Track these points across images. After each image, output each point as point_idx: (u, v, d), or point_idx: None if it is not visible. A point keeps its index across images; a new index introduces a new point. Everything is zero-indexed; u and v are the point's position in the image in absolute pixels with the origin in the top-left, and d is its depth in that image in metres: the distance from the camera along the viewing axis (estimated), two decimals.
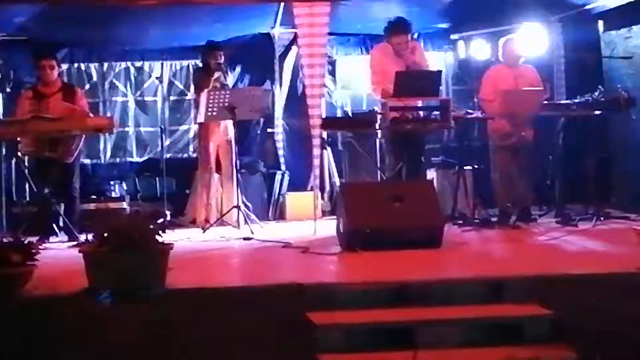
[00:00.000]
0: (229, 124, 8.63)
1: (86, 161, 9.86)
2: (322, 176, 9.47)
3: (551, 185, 8.95)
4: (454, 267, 6.18)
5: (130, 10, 8.72)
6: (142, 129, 10.60)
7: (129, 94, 10.56)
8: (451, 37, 10.65)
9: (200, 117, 8.58)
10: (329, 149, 9.83)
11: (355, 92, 10.90)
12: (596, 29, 9.55)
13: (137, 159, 10.52)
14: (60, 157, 8.03)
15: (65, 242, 7.75)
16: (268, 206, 9.88)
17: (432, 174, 9.33)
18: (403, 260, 6.27)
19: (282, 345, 4.80)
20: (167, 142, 10.30)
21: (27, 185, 8.88)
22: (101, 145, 10.35)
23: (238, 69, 10.23)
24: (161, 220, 8.19)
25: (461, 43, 10.48)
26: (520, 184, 8.45)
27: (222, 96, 8.32)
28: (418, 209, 6.83)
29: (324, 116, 9.00)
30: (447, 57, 10.91)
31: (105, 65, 10.50)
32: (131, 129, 10.57)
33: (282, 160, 10.28)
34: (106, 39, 9.74)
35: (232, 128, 8.63)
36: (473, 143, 9.01)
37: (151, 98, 10.59)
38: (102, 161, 10.40)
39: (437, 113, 7.98)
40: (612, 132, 9.39)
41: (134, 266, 5.03)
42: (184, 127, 10.64)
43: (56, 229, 8.09)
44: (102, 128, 8.07)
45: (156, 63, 10.54)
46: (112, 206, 8.89)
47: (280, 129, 10.34)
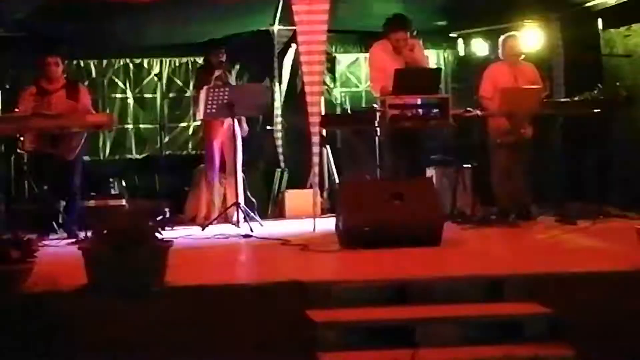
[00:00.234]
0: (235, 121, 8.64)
1: (85, 158, 9.85)
2: (322, 173, 9.47)
3: (550, 183, 8.95)
4: (453, 265, 6.17)
5: (129, 7, 8.70)
6: (141, 126, 10.62)
7: (128, 91, 10.57)
8: (450, 35, 10.66)
9: (199, 114, 8.58)
10: (328, 147, 9.84)
11: (354, 90, 10.93)
12: (596, 27, 9.54)
13: (136, 156, 10.53)
14: (62, 154, 8.03)
15: (64, 239, 7.75)
16: (267, 204, 9.89)
17: (431, 172, 9.33)
18: (402, 258, 6.26)
19: (282, 343, 4.81)
20: (166, 139, 10.32)
21: (27, 182, 8.88)
22: (100, 142, 10.37)
23: (237, 66, 10.23)
24: (160, 217, 8.25)
25: (460, 41, 10.50)
26: (519, 182, 8.45)
27: (221, 93, 8.31)
28: (417, 207, 6.82)
29: (323, 113, 9.00)
30: (446, 55, 10.93)
31: (104, 62, 10.52)
32: (130, 126, 10.58)
33: (281, 157, 10.29)
34: (105, 36, 9.73)
35: (237, 125, 8.65)
36: (472, 141, 9.00)
37: (150, 95, 10.61)
38: (101, 158, 10.42)
39: (436, 111, 7.97)
40: (611, 131, 9.39)
41: (134, 263, 5.02)
42: (183, 124, 10.66)
43: (56, 226, 8.09)
44: (102, 125, 8.07)
45: (155, 60, 10.57)
46: (112, 203, 8.89)
47: (279, 127, 10.34)
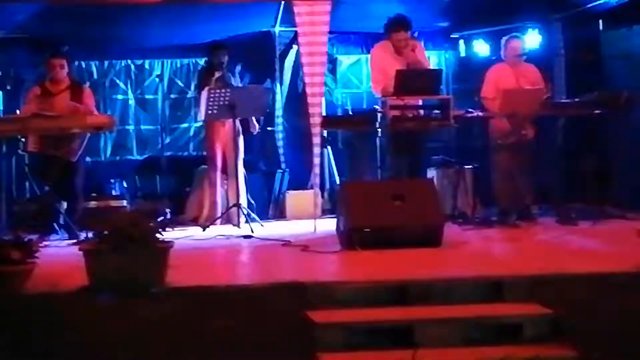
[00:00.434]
0: (237, 122, 8.64)
1: (87, 159, 9.87)
2: (323, 175, 9.47)
3: (551, 184, 8.94)
4: (454, 266, 6.17)
5: (131, 8, 8.71)
6: (143, 127, 10.61)
7: (130, 92, 10.57)
8: (452, 36, 10.66)
9: (201, 116, 8.59)
10: (329, 148, 9.84)
11: (355, 91, 10.92)
12: (597, 28, 9.55)
13: (138, 157, 10.53)
14: (64, 155, 8.05)
15: (65, 240, 7.75)
16: (268, 204, 9.89)
17: (432, 173, 9.32)
18: (403, 259, 6.26)
19: (282, 343, 4.81)
20: (167, 140, 10.32)
21: (28, 183, 8.88)
22: (102, 143, 10.38)
23: (238, 68, 10.23)
24: (161, 218, 8.25)
25: (461, 42, 10.50)
26: (520, 183, 8.45)
27: (223, 94, 8.31)
28: (418, 208, 6.82)
29: (324, 114, 9.00)
30: (448, 56, 10.93)
31: (105, 63, 10.52)
32: (132, 127, 10.59)
33: (282, 158, 10.29)
34: (107, 37, 9.74)
35: (239, 126, 8.66)
36: (473, 142, 9.00)
37: (152, 96, 10.61)
38: (103, 159, 10.42)
39: (438, 112, 7.97)
40: (612, 132, 9.39)
41: (134, 264, 5.03)
42: (185, 125, 10.66)
43: (56, 227, 8.10)
44: (103, 126, 8.07)
45: (157, 61, 10.58)
46: (113, 204, 8.89)
47: (280, 128, 10.35)
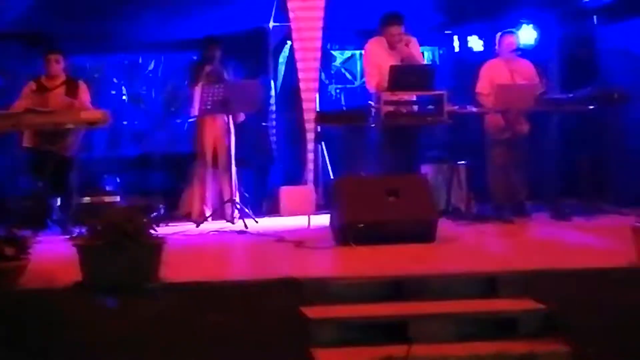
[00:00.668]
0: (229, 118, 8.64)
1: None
2: (317, 170, 9.45)
3: (545, 179, 8.95)
4: (448, 262, 6.16)
5: (124, 3, 8.70)
6: (136, 123, 10.60)
7: (123, 88, 10.55)
8: (446, 32, 10.66)
9: (194, 111, 8.57)
10: (323, 143, 9.83)
11: (349, 86, 10.92)
12: (591, 24, 9.55)
13: (132, 153, 10.52)
14: (59, 151, 8.03)
15: (59, 236, 7.73)
16: (262, 200, 9.88)
17: (427, 169, 9.31)
18: (397, 254, 6.26)
19: (276, 339, 4.80)
20: (161, 136, 10.31)
21: (21, 178, 8.86)
22: (95, 138, 10.36)
23: (232, 63, 10.21)
24: (155, 214, 8.24)
25: (456, 37, 10.50)
26: (514, 178, 8.45)
27: (216, 90, 8.30)
28: (412, 204, 6.82)
29: (318, 110, 8.99)
30: (442, 52, 10.93)
31: (99, 58, 10.50)
32: (125, 123, 10.57)
33: (276, 154, 10.28)
34: (100, 32, 9.71)
35: (231, 121, 8.64)
36: (467, 137, 9.00)
37: (145, 92, 10.59)
38: (96, 155, 10.40)
39: (432, 107, 7.97)
40: (607, 127, 9.39)
41: (128, 260, 5.02)
42: (178, 121, 10.64)
43: (50, 223, 8.07)
44: (97, 122, 8.04)
45: (150, 56, 10.56)
46: (106, 200, 8.89)
47: (274, 123, 10.33)
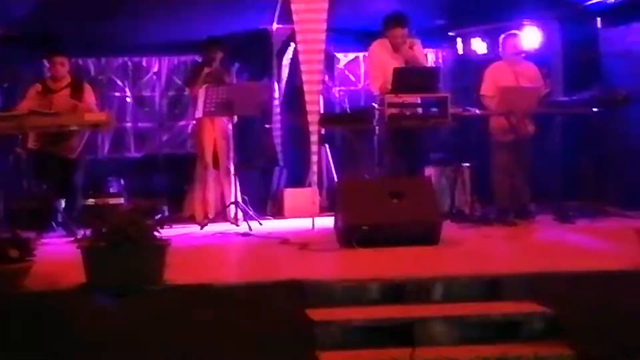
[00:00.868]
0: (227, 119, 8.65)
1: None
2: (320, 172, 9.46)
3: (549, 182, 8.94)
4: (452, 264, 6.17)
5: (128, 5, 8.71)
6: (140, 125, 10.61)
7: (127, 89, 10.56)
8: (449, 34, 10.66)
9: (198, 113, 8.58)
10: (327, 145, 9.84)
11: (353, 88, 10.92)
12: (594, 26, 9.55)
13: (135, 155, 10.53)
14: (63, 153, 8.04)
15: (63, 238, 7.75)
16: (266, 202, 9.88)
17: (430, 171, 9.31)
18: (401, 257, 6.27)
19: (281, 342, 4.80)
20: (165, 138, 10.31)
21: (26, 180, 8.86)
22: (99, 140, 10.37)
23: (236, 65, 10.23)
24: (159, 215, 8.25)
25: (459, 40, 10.49)
26: (518, 181, 8.44)
27: (220, 92, 8.31)
28: (416, 206, 6.82)
29: (322, 112, 9.00)
30: (445, 54, 10.93)
31: (102, 60, 10.51)
32: (129, 125, 10.58)
33: (280, 156, 10.29)
34: (104, 34, 9.72)
35: (230, 123, 8.65)
36: (471, 140, 9.00)
37: (149, 93, 10.60)
38: (100, 157, 10.41)
39: (435, 109, 7.97)
40: (610, 129, 9.39)
41: (132, 262, 5.03)
42: (182, 123, 10.65)
43: (54, 225, 8.08)
44: (101, 123, 8.06)
45: (154, 58, 10.57)
46: (110, 202, 8.90)
47: (278, 125, 10.34)
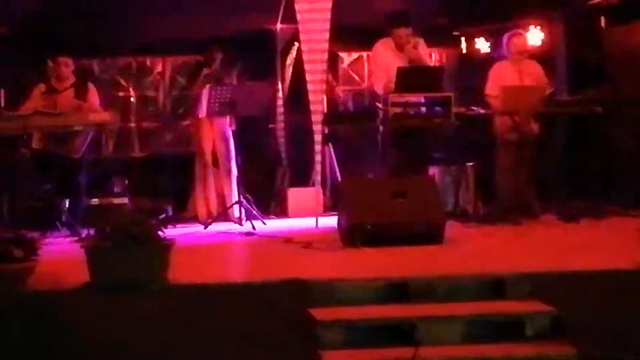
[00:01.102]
0: (227, 120, 8.65)
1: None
2: (324, 172, 9.46)
3: (553, 181, 8.94)
4: (456, 264, 6.15)
5: (131, 4, 8.71)
6: (144, 124, 10.61)
7: (131, 89, 10.56)
8: (452, 33, 10.65)
9: (202, 113, 8.58)
10: (331, 145, 9.83)
11: (356, 88, 10.92)
12: (598, 25, 9.54)
13: (139, 154, 10.53)
14: (67, 153, 8.05)
15: (67, 237, 7.75)
16: (270, 202, 9.88)
17: (434, 170, 9.30)
18: (404, 256, 6.27)
19: (284, 341, 4.81)
20: (169, 138, 10.32)
21: (30, 180, 8.88)
22: (103, 140, 10.37)
23: (239, 65, 10.22)
24: (163, 215, 8.26)
25: (463, 39, 10.49)
26: (523, 180, 8.43)
27: (224, 92, 8.31)
28: (420, 205, 6.82)
29: (326, 111, 9.00)
30: (449, 53, 10.92)
31: (107, 60, 10.51)
32: (133, 124, 10.58)
33: (284, 155, 10.28)
34: (108, 34, 9.73)
35: (228, 124, 8.66)
36: (475, 139, 9.00)
37: (153, 93, 10.60)
38: (104, 156, 10.41)
39: (439, 109, 7.97)
40: (614, 129, 9.38)
41: (136, 261, 5.03)
42: (186, 122, 10.64)
43: (58, 224, 8.09)
44: (105, 123, 8.08)
45: (158, 58, 10.57)
46: (114, 201, 8.90)
47: (281, 125, 10.33)
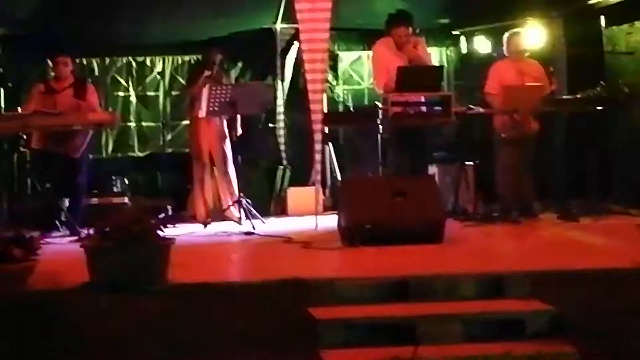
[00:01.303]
0: (223, 121, 8.67)
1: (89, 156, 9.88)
2: (324, 171, 9.47)
3: (553, 180, 8.94)
4: (455, 262, 6.16)
5: (132, 4, 8.72)
6: (144, 124, 10.63)
7: (131, 89, 10.58)
8: (453, 33, 10.66)
9: (201, 113, 8.58)
10: (331, 144, 9.84)
11: (356, 87, 10.93)
12: (598, 24, 9.53)
13: (139, 154, 10.55)
14: (67, 152, 8.06)
15: (67, 237, 7.76)
16: (270, 201, 9.89)
17: (434, 169, 9.32)
18: (404, 255, 6.27)
19: (284, 340, 4.81)
20: (169, 137, 10.33)
21: (30, 179, 8.89)
22: (103, 140, 10.39)
23: (240, 65, 10.23)
24: (163, 215, 8.26)
25: (462, 38, 10.49)
26: (522, 179, 8.43)
27: (224, 91, 8.31)
28: (419, 204, 6.82)
29: (326, 111, 9.00)
30: (449, 53, 10.93)
31: (106, 60, 10.53)
32: (133, 124, 10.60)
33: (284, 155, 10.29)
34: (108, 34, 9.74)
35: (225, 125, 8.68)
36: (474, 138, 9.00)
37: (153, 93, 10.61)
38: (104, 156, 10.43)
39: (439, 108, 7.96)
40: (614, 128, 9.39)
41: (136, 261, 5.04)
42: (186, 122, 10.64)
43: (58, 224, 8.10)
44: (105, 123, 8.09)
45: (158, 58, 10.58)
46: (114, 201, 8.91)
47: (281, 124, 10.34)
